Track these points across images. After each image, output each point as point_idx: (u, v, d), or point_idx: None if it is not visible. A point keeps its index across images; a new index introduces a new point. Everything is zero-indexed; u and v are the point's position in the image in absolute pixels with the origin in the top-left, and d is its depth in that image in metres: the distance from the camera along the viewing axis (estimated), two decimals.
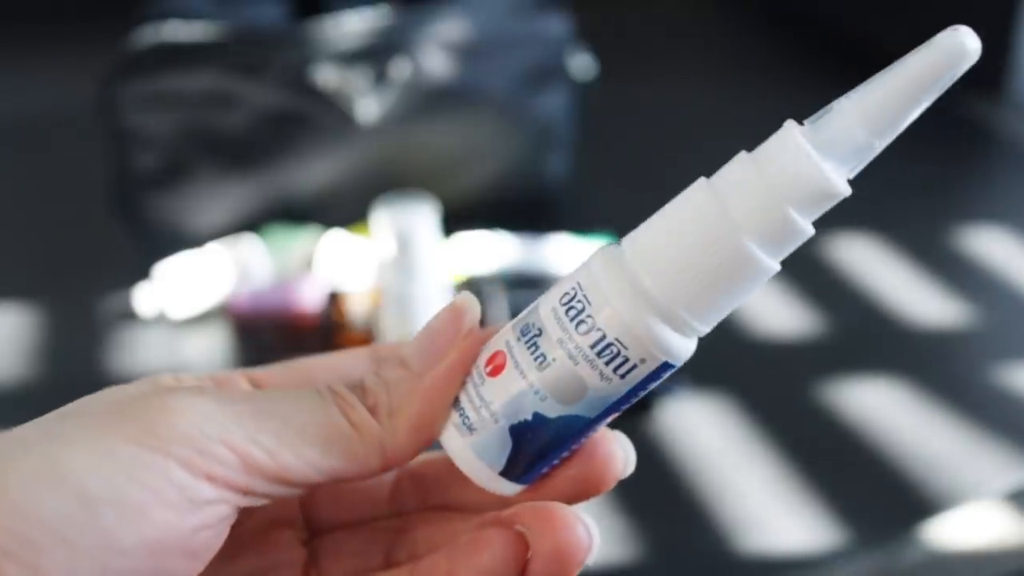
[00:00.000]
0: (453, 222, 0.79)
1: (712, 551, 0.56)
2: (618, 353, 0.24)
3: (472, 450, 0.25)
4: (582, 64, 0.85)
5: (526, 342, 0.25)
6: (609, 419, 0.25)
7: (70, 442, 0.22)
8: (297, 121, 0.78)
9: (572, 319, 0.24)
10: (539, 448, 0.25)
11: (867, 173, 0.24)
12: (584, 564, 0.25)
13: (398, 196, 0.75)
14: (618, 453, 0.26)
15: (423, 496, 0.29)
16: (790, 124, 0.23)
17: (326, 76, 0.77)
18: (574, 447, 0.26)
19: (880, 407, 0.66)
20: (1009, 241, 0.87)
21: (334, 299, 0.70)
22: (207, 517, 0.23)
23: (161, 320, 0.75)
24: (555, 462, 0.26)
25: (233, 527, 0.26)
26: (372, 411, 0.25)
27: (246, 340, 0.73)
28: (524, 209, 0.83)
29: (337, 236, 0.78)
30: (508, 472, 0.25)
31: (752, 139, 0.25)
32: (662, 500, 0.59)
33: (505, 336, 0.25)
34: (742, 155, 0.24)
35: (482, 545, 0.25)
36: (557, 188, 0.84)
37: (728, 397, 0.67)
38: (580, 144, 0.86)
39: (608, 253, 0.25)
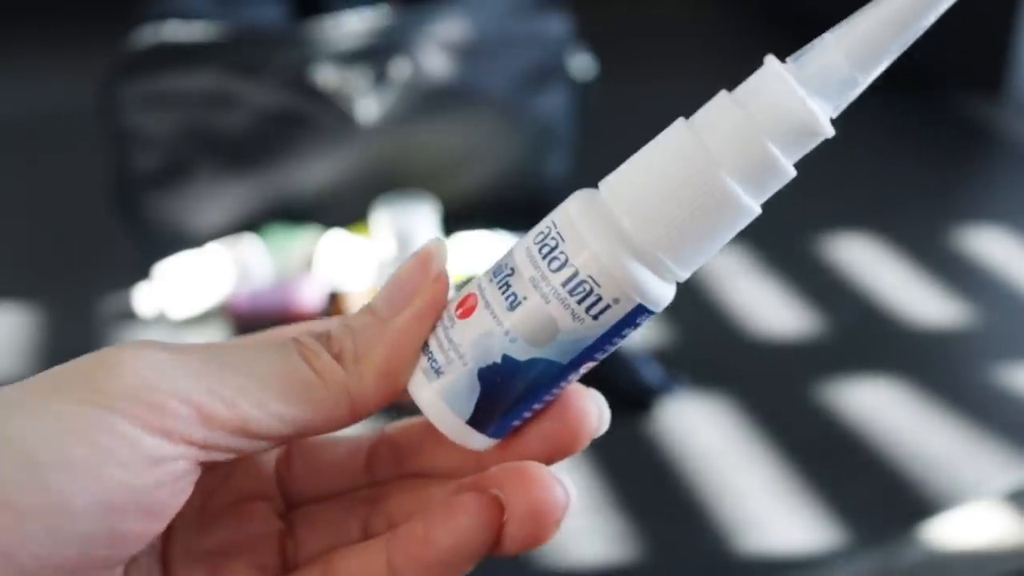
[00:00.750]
0: (453, 222, 0.79)
1: (712, 551, 0.56)
2: (591, 291, 0.23)
3: (440, 396, 0.24)
4: (582, 64, 0.85)
5: (498, 283, 0.24)
6: (583, 370, 0.24)
7: (12, 406, 0.22)
8: (297, 121, 0.78)
9: (545, 256, 0.23)
10: (509, 395, 0.24)
11: (868, 173, 0.24)
12: (560, 523, 0.24)
13: (398, 196, 0.75)
14: (592, 409, 0.26)
15: (399, 464, 0.28)
16: (771, 59, 0.23)
17: (326, 76, 0.77)
18: (546, 398, 0.25)
19: (880, 407, 0.66)
20: (1009, 241, 0.88)
21: (334, 299, 0.70)
22: (164, 474, 0.22)
23: (161, 320, 0.75)
24: (526, 415, 0.25)
25: (206, 499, 0.26)
26: (338, 358, 0.24)
27: None
28: (524, 209, 0.83)
29: (337, 236, 0.78)
30: (477, 422, 0.24)
31: None
32: (662, 500, 0.59)
33: (478, 280, 0.24)
34: (722, 93, 0.23)
35: (457, 510, 0.24)
36: (557, 188, 0.84)
37: (728, 397, 0.67)
38: (580, 144, 0.86)
39: (585, 194, 0.24)
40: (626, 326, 0.23)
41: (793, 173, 0.23)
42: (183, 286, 0.74)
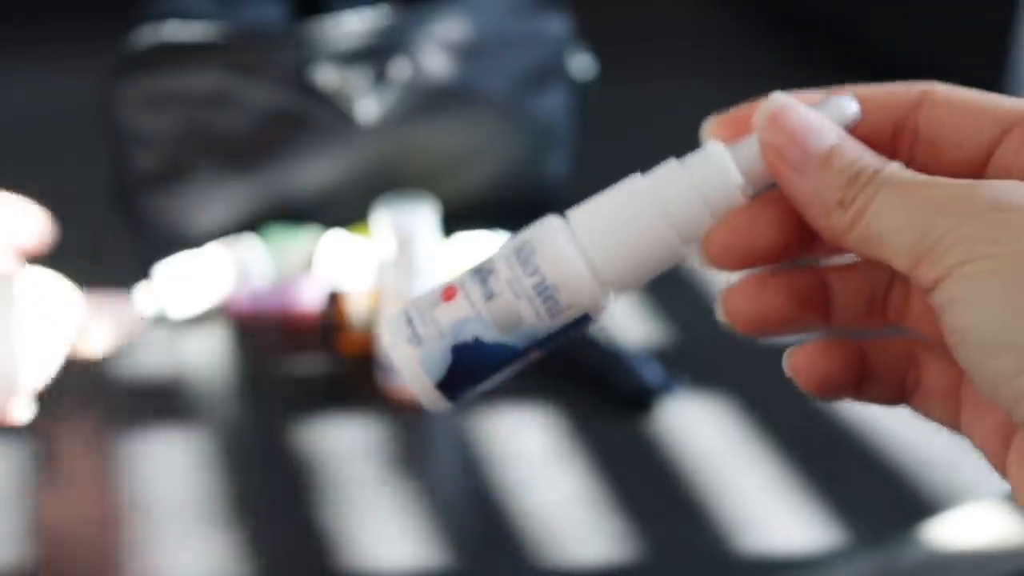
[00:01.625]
0: (453, 222, 0.79)
1: (712, 550, 0.56)
2: (552, 296, 0.29)
3: (417, 360, 0.30)
4: (582, 64, 0.85)
5: (479, 279, 0.30)
6: (532, 356, 0.31)
7: None
8: (297, 121, 0.78)
9: (521, 263, 0.30)
10: (474, 368, 0.30)
11: None
12: None
13: (398, 196, 0.75)
14: None
15: None
16: (718, 144, 0.29)
17: (326, 76, 0.77)
18: (499, 377, 0.31)
19: (880, 406, 0.66)
20: None
21: (334, 299, 0.70)
22: None
23: (161, 320, 0.75)
24: (480, 388, 0.31)
25: None
26: None
27: (246, 340, 0.73)
28: (524, 209, 0.83)
29: (337, 236, 0.78)
30: (443, 386, 0.30)
31: None
32: (662, 500, 0.59)
33: (461, 275, 0.31)
34: (672, 161, 0.30)
35: None
36: (557, 188, 0.84)
37: (728, 397, 0.67)
38: (580, 144, 0.86)
39: (557, 220, 0.30)
40: (572, 328, 0.30)
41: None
42: (183, 286, 0.74)
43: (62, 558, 0.56)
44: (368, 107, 0.78)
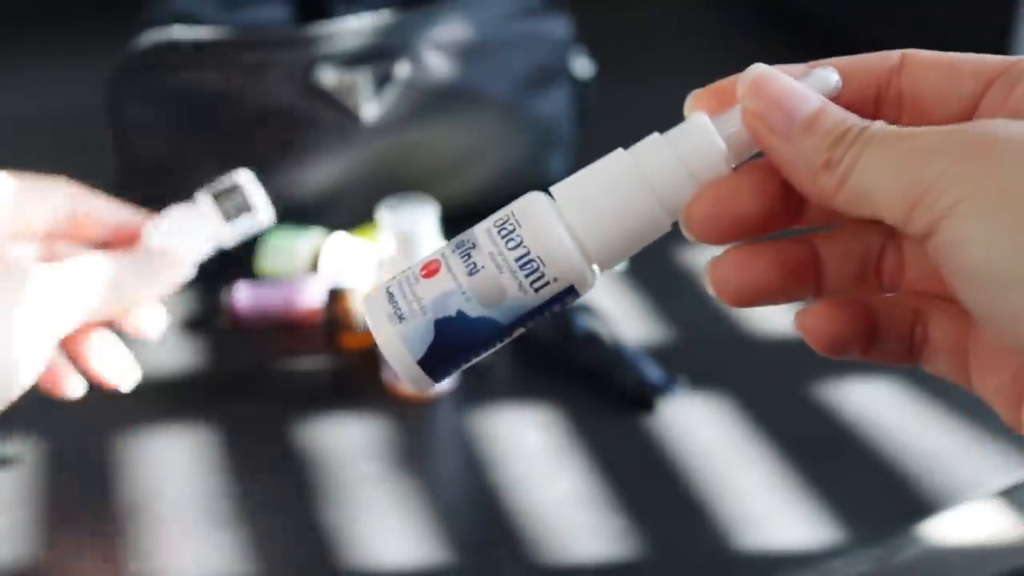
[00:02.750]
0: (455, 223, 0.79)
1: (712, 548, 0.56)
2: (536, 268, 0.29)
3: (399, 336, 0.29)
4: (582, 64, 0.86)
5: (460, 254, 0.30)
6: (517, 332, 0.30)
7: None
8: (300, 122, 0.78)
9: (503, 237, 0.29)
10: (457, 343, 0.29)
11: None
12: None
13: (400, 197, 0.75)
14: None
15: None
16: (702, 114, 0.29)
17: (329, 77, 0.78)
18: (483, 353, 0.30)
19: (879, 405, 0.66)
20: None
21: (336, 299, 0.71)
22: None
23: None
24: (464, 364, 0.30)
25: None
26: None
27: (248, 339, 0.73)
28: None
29: (340, 237, 0.78)
30: (425, 363, 0.29)
31: None
32: (662, 498, 0.60)
33: (441, 250, 0.30)
34: (655, 135, 0.30)
35: None
36: None
37: (728, 396, 0.67)
38: (580, 144, 0.87)
39: (539, 194, 0.31)
40: (556, 302, 0.30)
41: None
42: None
43: (64, 557, 0.57)
44: (371, 108, 0.79)
